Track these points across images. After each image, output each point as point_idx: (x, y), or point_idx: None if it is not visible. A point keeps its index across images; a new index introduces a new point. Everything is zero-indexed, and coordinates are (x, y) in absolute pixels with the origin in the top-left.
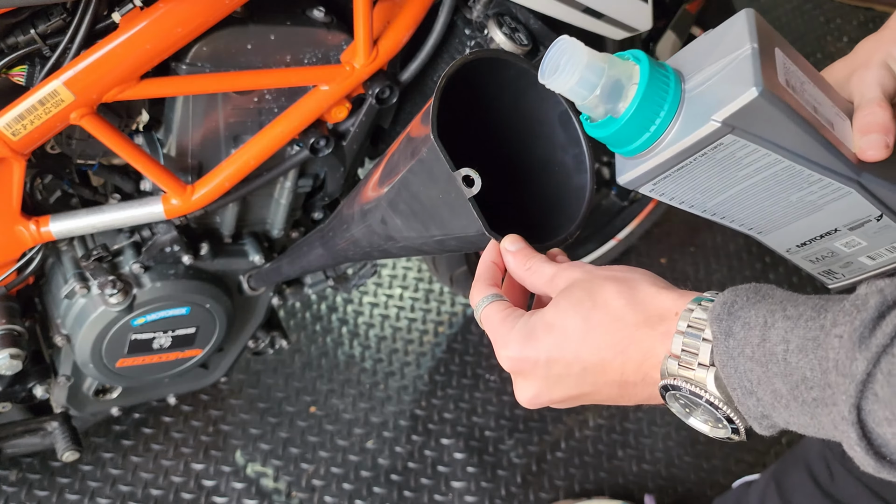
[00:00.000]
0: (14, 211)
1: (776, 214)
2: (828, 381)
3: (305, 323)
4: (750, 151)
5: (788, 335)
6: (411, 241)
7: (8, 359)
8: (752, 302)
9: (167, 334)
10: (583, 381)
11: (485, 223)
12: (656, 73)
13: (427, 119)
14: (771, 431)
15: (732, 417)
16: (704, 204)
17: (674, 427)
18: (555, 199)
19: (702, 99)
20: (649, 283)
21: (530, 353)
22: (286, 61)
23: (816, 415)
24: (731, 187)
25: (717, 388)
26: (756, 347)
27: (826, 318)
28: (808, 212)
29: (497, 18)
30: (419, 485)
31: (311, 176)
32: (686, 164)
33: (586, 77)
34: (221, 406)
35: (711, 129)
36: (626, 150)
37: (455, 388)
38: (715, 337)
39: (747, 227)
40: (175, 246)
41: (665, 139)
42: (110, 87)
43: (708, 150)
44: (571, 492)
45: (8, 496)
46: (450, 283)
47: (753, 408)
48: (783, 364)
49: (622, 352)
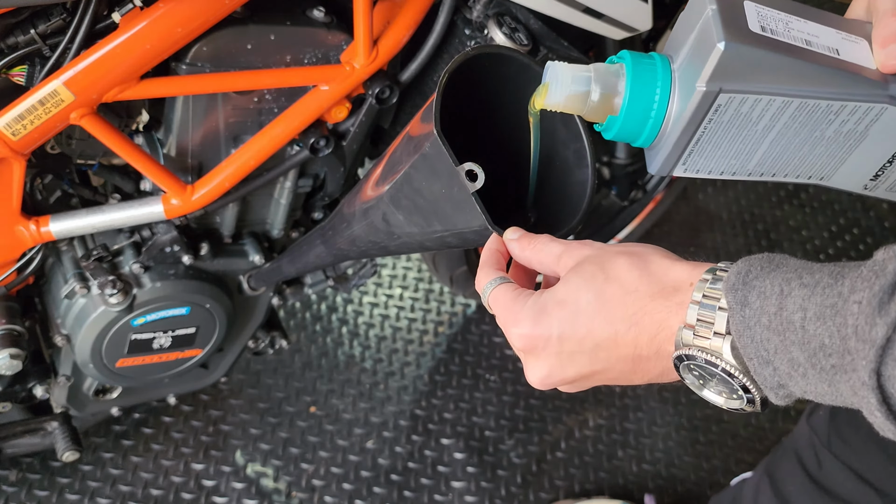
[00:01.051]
0: (14, 211)
1: (823, 155)
2: (847, 347)
3: (305, 323)
4: (752, 104)
5: (806, 303)
6: (413, 236)
7: (8, 359)
8: (766, 271)
9: (167, 334)
10: (595, 358)
11: (488, 217)
12: (640, 61)
13: (430, 114)
14: (787, 401)
15: (748, 386)
16: (745, 167)
17: (674, 427)
18: (557, 194)
19: (687, 72)
20: (661, 256)
21: (542, 329)
22: (286, 61)
23: (835, 382)
24: (759, 144)
25: (733, 357)
26: (773, 316)
27: (844, 284)
28: (855, 142)
29: (497, 18)
30: (419, 485)
31: (311, 176)
32: (700, 136)
33: (574, 90)
34: (221, 406)
35: (700, 96)
36: (644, 141)
37: (455, 388)
38: (731, 307)
39: (804, 176)
40: (175, 246)
41: (669, 120)
42: (110, 87)
43: (711, 117)
44: (571, 492)
45: (8, 496)
46: (450, 283)
47: (770, 377)
48: (801, 332)
49: (636, 323)
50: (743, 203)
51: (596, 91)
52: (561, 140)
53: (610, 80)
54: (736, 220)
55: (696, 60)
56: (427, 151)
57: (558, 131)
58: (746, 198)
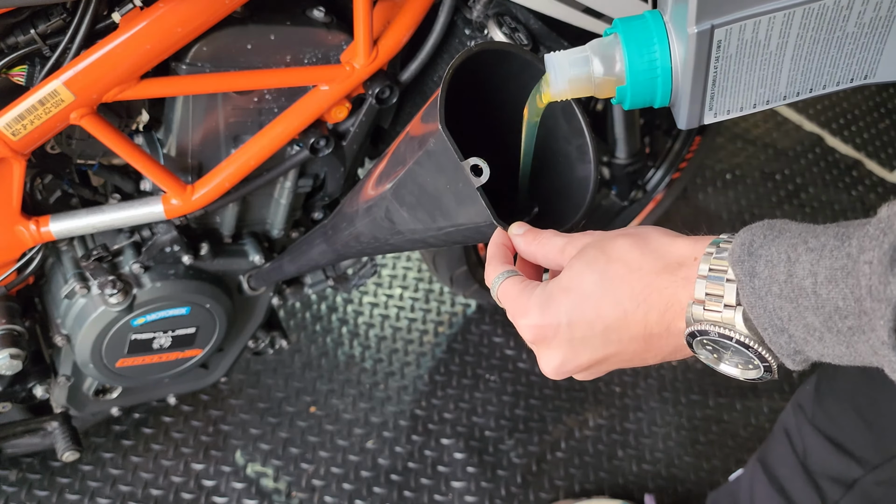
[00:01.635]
0: (14, 211)
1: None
2: (862, 308)
3: (305, 323)
4: (752, 29)
5: (815, 267)
6: (417, 233)
7: (8, 359)
8: (770, 239)
9: (167, 334)
10: (607, 340)
11: (493, 212)
12: (631, 24)
13: (434, 111)
14: (803, 366)
15: (764, 355)
16: (776, 92)
17: (674, 427)
18: (560, 190)
19: (677, 19)
20: (661, 234)
21: (551, 318)
22: (286, 61)
23: (853, 343)
24: (780, 65)
25: (746, 328)
26: (783, 284)
27: (851, 245)
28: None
29: (497, 18)
30: (419, 485)
31: (311, 176)
32: (714, 77)
33: (575, 73)
34: (221, 406)
35: (695, 40)
36: (661, 100)
37: (455, 388)
38: (739, 279)
39: (845, 80)
40: (175, 246)
41: (678, 72)
42: (110, 87)
43: (717, 55)
44: (571, 492)
45: (8, 496)
46: (450, 283)
47: (786, 345)
48: (813, 297)
49: (644, 301)
50: (743, 203)
51: (597, 67)
52: (563, 136)
53: (607, 53)
54: (736, 220)
55: (680, 5)
56: (432, 147)
57: (561, 128)
58: (746, 198)
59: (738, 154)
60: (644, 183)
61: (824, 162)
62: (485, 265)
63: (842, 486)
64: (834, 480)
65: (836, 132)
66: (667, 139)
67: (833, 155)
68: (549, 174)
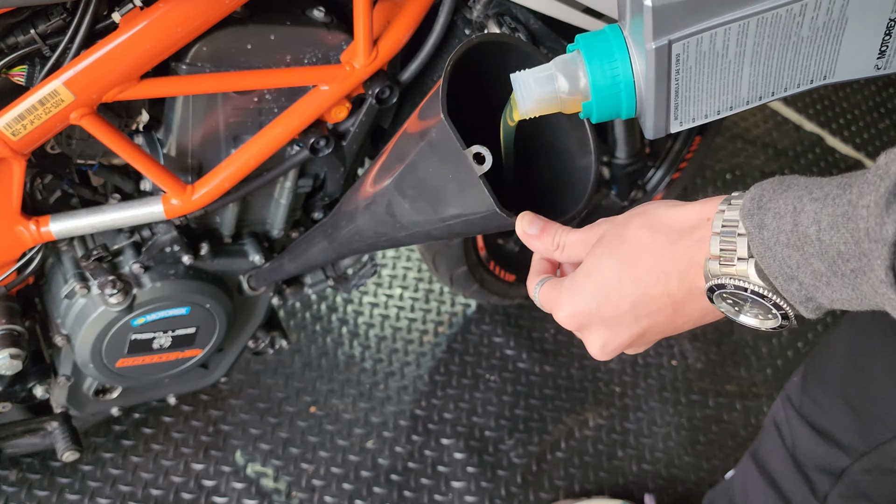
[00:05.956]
0: (14, 211)
1: (812, 55)
2: (862, 250)
3: (305, 323)
4: (709, 41)
5: (819, 215)
6: (419, 225)
7: (8, 359)
8: (778, 192)
9: (167, 334)
10: (636, 318)
11: (496, 200)
12: (592, 40)
13: (434, 103)
14: (818, 313)
15: (780, 303)
16: (738, 97)
17: (674, 427)
18: (560, 182)
19: (635, 34)
20: (668, 206)
21: (580, 305)
22: (286, 61)
23: (857, 285)
24: (740, 71)
25: (759, 278)
26: (790, 234)
27: (852, 192)
28: (838, 30)
29: (497, 18)
30: (419, 485)
31: (311, 176)
32: (676, 88)
33: (541, 92)
34: (221, 406)
35: (654, 56)
36: (626, 112)
37: (455, 388)
38: (749, 232)
39: (805, 82)
40: (175, 246)
41: (640, 84)
42: (110, 87)
43: (676, 68)
44: (571, 492)
45: (8, 496)
46: (450, 283)
47: (797, 292)
48: (818, 244)
49: (662, 272)
50: None
51: (562, 84)
52: (564, 129)
53: (570, 70)
54: None
55: (637, 21)
56: (434, 137)
57: (561, 120)
58: None
59: (738, 154)
60: (644, 183)
61: (824, 162)
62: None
63: (831, 476)
64: (823, 471)
65: (836, 132)
66: (667, 139)
67: (833, 155)
68: (550, 167)
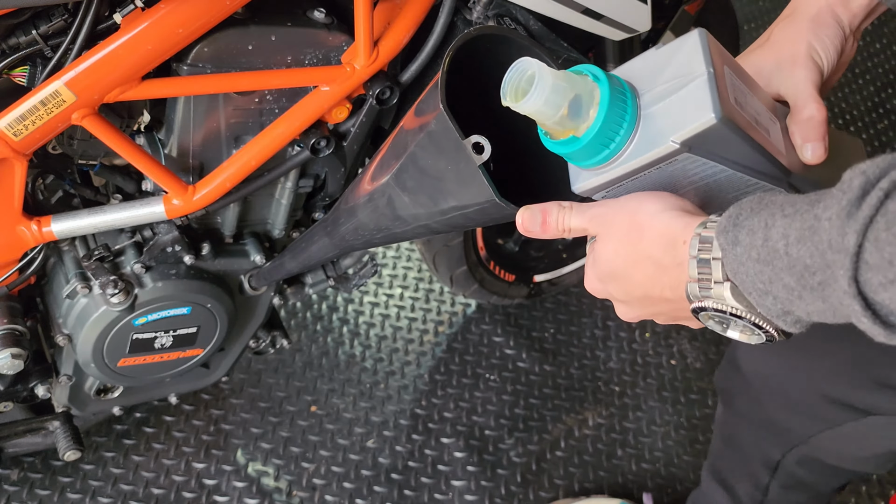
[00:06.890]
0: (16, 211)
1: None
2: (826, 261)
3: (306, 322)
4: (700, 164)
5: (787, 230)
6: (419, 218)
7: (10, 358)
8: (755, 211)
9: (168, 334)
10: (644, 305)
11: (495, 189)
12: (616, 95)
13: (432, 96)
14: (799, 327)
15: (759, 323)
16: None
17: (673, 427)
18: (558, 175)
19: (659, 119)
20: (656, 212)
21: (596, 282)
22: (287, 62)
23: (826, 297)
24: (678, 189)
25: (735, 300)
26: (760, 249)
27: (818, 207)
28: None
29: (497, 19)
30: (419, 484)
31: (312, 176)
32: (640, 176)
33: (551, 99)
34: (222, 405)
35: (670, 149)
36: (584, 164)
37: (455, 387)
38: (723, 248)
39: None
40: (176, 246)
41: (623, 155)
42: (112, 88)
43: (662, 165)
44: (571, 490)
45: (10, 495)
46: (450, 283)
47: (772, 307)
48: (786, 258)
49: (657, 282)
50: None
51: (567, 110)
52: None
53: (581, 102)
54: None
55: (675, 114)
56: (433, 128)
57: None
58: None
59: None
60: None
61: None
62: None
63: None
64: (763, 464)
65: None
66: None
67: None
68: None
